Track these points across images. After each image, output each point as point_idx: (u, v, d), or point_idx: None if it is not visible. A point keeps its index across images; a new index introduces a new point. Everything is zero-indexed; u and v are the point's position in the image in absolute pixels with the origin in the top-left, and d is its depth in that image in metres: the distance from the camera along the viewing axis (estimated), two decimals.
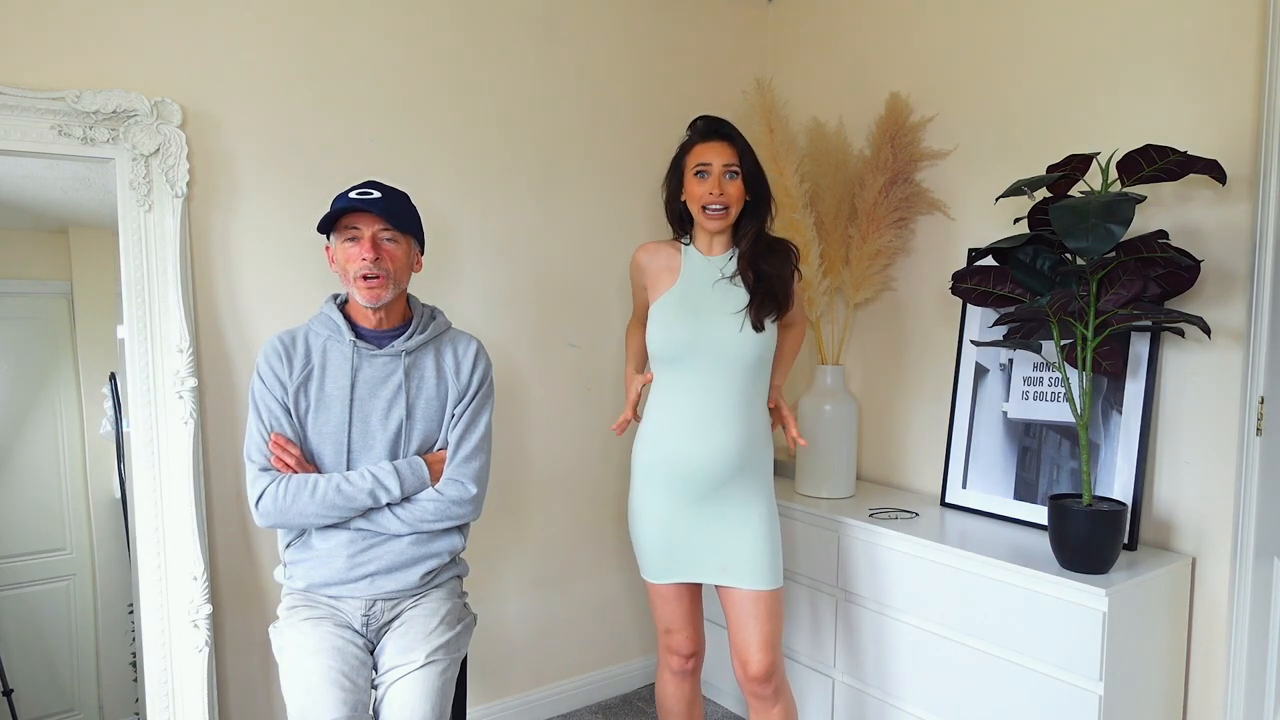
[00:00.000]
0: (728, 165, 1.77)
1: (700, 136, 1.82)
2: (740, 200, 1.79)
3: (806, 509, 2.25)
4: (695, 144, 1.81)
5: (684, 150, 1.84)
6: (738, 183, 1.78)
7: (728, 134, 1.81)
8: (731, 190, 1.77)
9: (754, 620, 1.78)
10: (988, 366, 2.19)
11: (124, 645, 2.20)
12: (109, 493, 2.16)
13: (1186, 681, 1.88)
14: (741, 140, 1.81)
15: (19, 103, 1.68)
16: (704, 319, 1.77)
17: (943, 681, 1.93)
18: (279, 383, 1.62)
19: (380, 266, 1.60)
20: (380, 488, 1.60)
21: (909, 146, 2.34)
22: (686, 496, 1.78)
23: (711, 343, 1.75)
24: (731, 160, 1.77)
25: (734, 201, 1.78)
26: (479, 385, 1.73)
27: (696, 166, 1.78)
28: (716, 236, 1.84)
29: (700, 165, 1.78)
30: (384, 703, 1.53)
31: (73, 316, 2.10)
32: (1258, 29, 1.73)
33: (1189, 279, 1.74)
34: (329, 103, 2.06)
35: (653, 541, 1.83)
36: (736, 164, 1.78)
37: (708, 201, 1.77)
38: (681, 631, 1.89)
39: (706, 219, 1.79)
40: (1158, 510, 1.93)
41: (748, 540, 1.77)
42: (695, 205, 1.80)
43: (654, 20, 2.60)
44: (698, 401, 1.76)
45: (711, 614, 2.42)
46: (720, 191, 1.76)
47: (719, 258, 1.84)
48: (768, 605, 1.78)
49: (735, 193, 1.78)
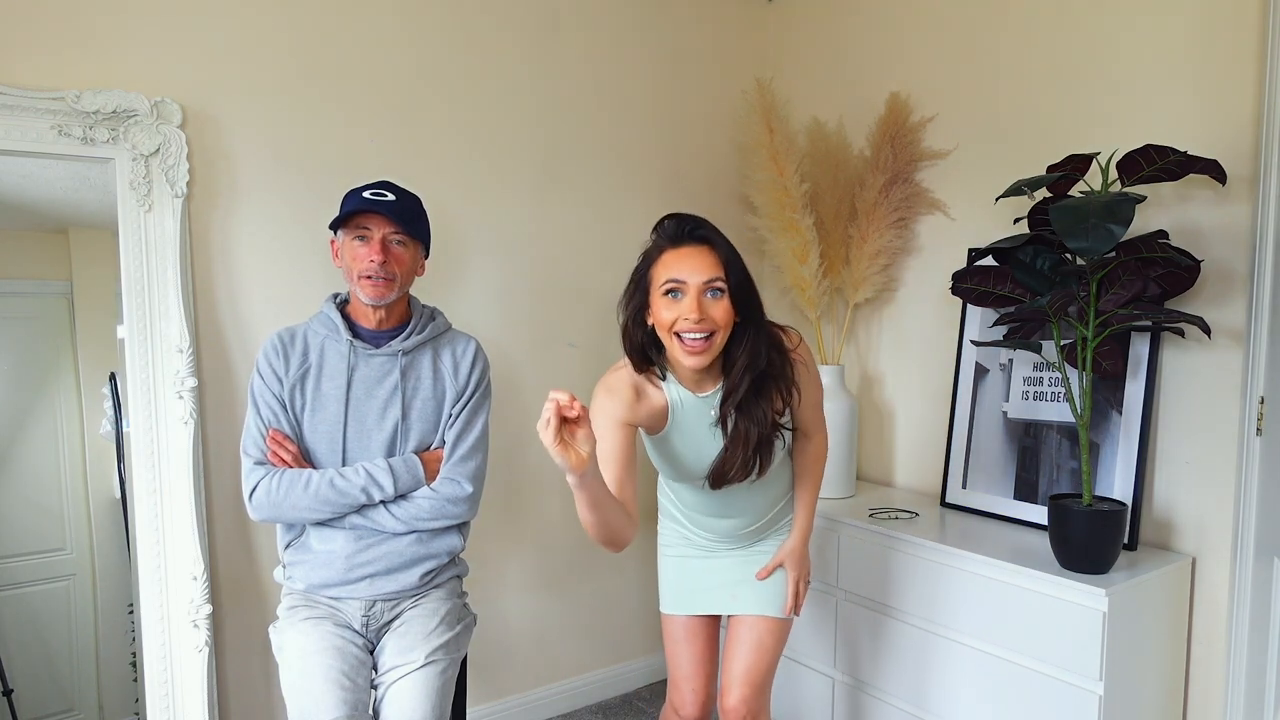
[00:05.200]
0: (709, 282, 1.36)
1: (669, 242, 1.40)
2: (729, 324, 1.39)
3: None
4: (663, 251, 1.40)
5: (648, 260, 1.43)
6: (724, 302, 1.37)
7: (706, 237, 1.40)
8: (716, 313, 1.37)
9: (744, 647, 1.65)
10: (988, 366, 2.19)
11: (124, 645, 2.20)
12: (109, 493, 2.16)
13: (1186, 681, 1.88)
14: (725, 243, 1.41)
15: (19, 103, 1.68)
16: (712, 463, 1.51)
17: (943, 681, 1.93)
18: (276, 378, 1.62)
19: (387, 270, 1.60)
20: (374, 484, 1.60)
21: (909, 146, 2.34)
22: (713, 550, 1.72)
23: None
24: (715, 274, 1.36)
25: (721, 326, 1.38)
26: (476, 385, 1.73)
27: (666, 284, 1.37)
28: (704, 375, 1.46)
29: (671, 282, 1.37)
30: (384, 703, 1.53)
31: (73, 316, 2.10)
32: (1258, 29, 1.73)
33: (1189, 279, 1.74)
34: (329, 103, 2.06)
35: (670, 575, 1.76)
36: (722, 278, 1.37)
37: (685, 329, 1.36)
38: (690, 682, 1.72)
39: (685, 352, 1.37)
40: (1158, 510, 1.93)
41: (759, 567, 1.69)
42: (666, 333, 1.39)
43: (654, 20, 2.60)
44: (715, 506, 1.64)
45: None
46: (700, 316, 1.35)
47: (712, 395, 1.49)
48: (763, 632, 1.66)
49: (722, 315, 1.37)
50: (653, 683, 2.78)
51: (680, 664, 1.75)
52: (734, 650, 1.68)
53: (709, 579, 1.72)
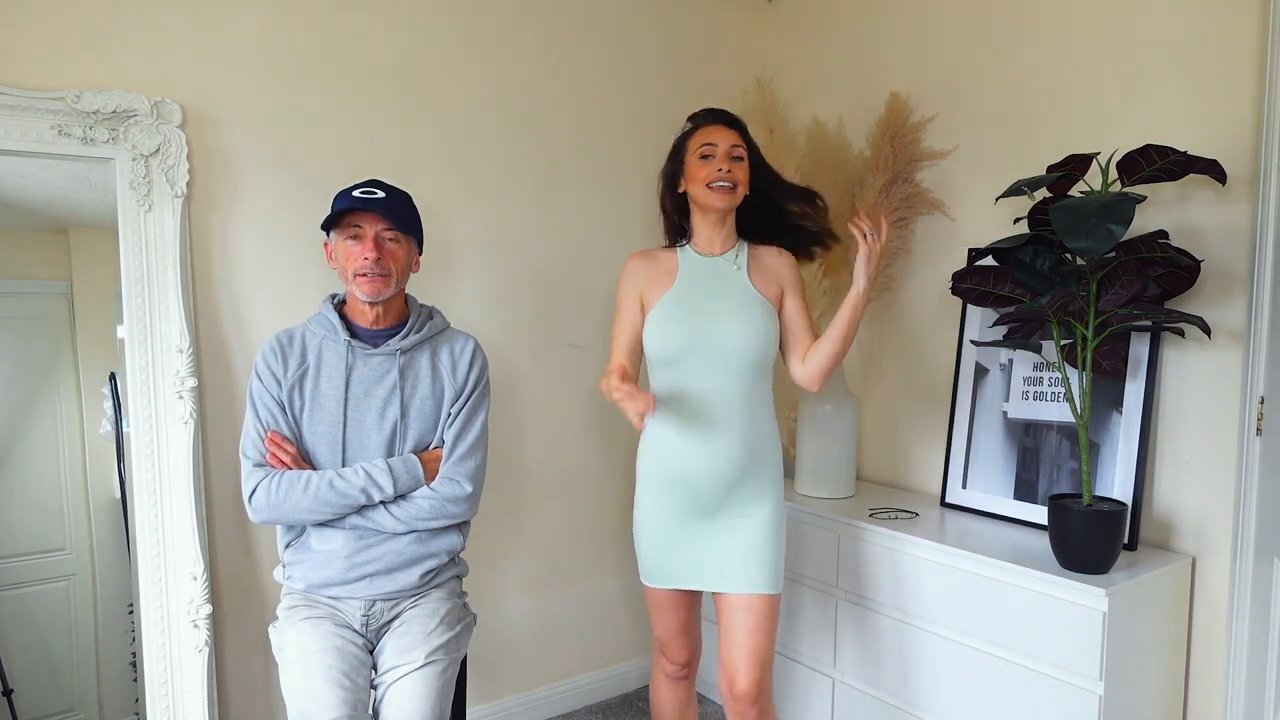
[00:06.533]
0: (734, 146, 1.73)
1: (705, 120, 1.78)
2: (746, 182, 1.75)
3: (806, 509, 2.25)
4: (699, 128, 1.77)
5: (685, 136, 1.79)
6: (744, 166, 1.74)
7: (732, 121, 1.77)
8: (739, 171, 1.72)
9: (744, 630, 1.71)
10: (988, 366, 2.19)
11: (124, 645, 2.20)
12: (109, 493, 2.16)
13: (1186, 681, 1.88)
14: (745, 129, 1.78)
15: (19, 103, 1.68)
16: (704, 319, 1.72)
17: (943, 681, 1.93)
18: (275, 380, 1.62)
19: (382, 266, 1.60)
20: (373, 485, 1.59)
21: (909, 146, 2.34)
22: (692, 509, 1.74)
23: (711, 343, 1.70)
24: (738, 142, 1.74)
25: (740, 182, 1.73)
26: (475, 384, 1.73)
27: (701, 148, 1.73)
28: (717, 233, 1.77)
29: (705, 145, 1.73)
30: (384, 703, 1.53)
31: (73, 316, 2.10)
32: (1258, 29, 1.73)
33: (1189, 279, 1.74)
34: (329, 103, 2.06)
35: (653, 548, 1.79)
36: (743, 148, 1.74)
37: (714, 179, 1.70)
38: (675, 641, 1.85)
39: (713, 195, 1.71)
40: (1158, 510, 1.93)
41: (746, 543, 1.72)
42: (698, 186, 1.73)
43: (654, 20, 2.60)
44: (699, 406, 1.71)
45: (708, 612, 2.42)
46: (728, 169, 1.70)
47: (720, 258, 1.78)
48: (761, 613, 1.71)
49: (741, 174, 1.73)
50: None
51: (668, 626, 1.85)
52: (734, 635, 1.72)
53: (693, 554, 1.75)
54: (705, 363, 1.71)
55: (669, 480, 1.75)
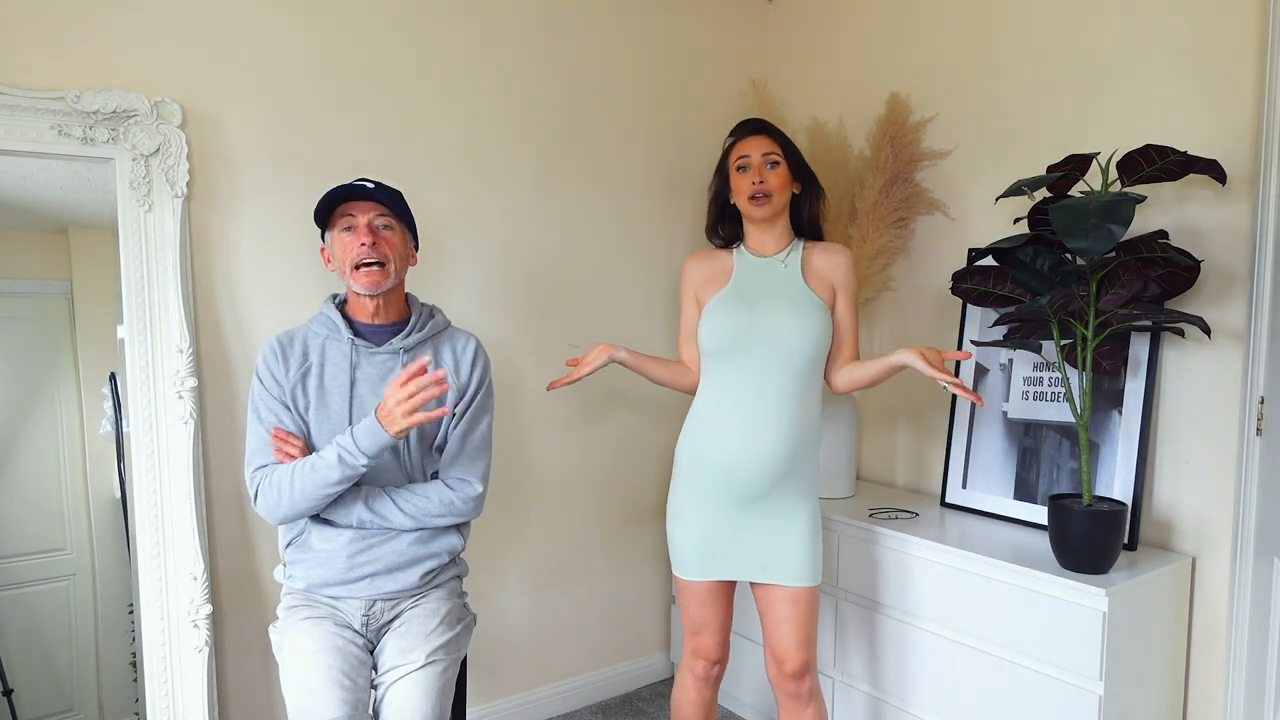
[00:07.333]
0: (767, 154, 1.80)
1: (740, 133, 1.87)
2: (786, 188, 1.82)
3: None
4: (735, 143, 1.86)
5: (725, 152, 1.88)
6: (781, 171, 1.80)
7: (763, 128, 1.85)
8: (773, 179, 1.79)
9: (791, 620, 1.76)
10: (988, 366, 2.19)
11: (124, 645, 2.20)
12: (109, 493, 2.16)
13: (1186, 681, 1.88)
14: (779, 133, 1.85)
15: (19, 103, 1.68)
16: (757, 312, 1.77)
17: (942, 681, 1.93)
18: (276, 382, 1.62)
19: (378, 252, 1.60)
20: (343, 450, 1.52)
21: (909, 147, 2.34)
22: (732, 499, 1.76)
23: (764, 336, 1.75)
24: (771, 149, 1.81)
25: (777, 189, 1.80)
26: (480, 383, 1.73)
27: (738, 161, 1.83)
28: (769, 234, 1.84)
29: (741, 159, 1.82)
30: (384, 703, 1.53)
31: (73, 316, 2.10)
32: (1258, 29, 1.73)
33: (1189, 279, 1.74)
34: (329, 102, 2.06)
35: (690, 539, 1.80)
36: (777, 153, 1.81)
37: (751, 191, 1.79)
38: (712, 634, 1.85)
39: (753, 207, 1.80)
40: (1158, 510, 1.93)
41: (791, 538, 1.75)
42: (742, 199, 1.82)
43: (653, 20, 2.60)
44: (748, 397, 1.75)
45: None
46: (762, 179, 1.79)
47: (773, 258, 1.84)
48: (806, 603, 1.77)
49: (778, 181, 1.80)
50: (653, 683, 2.78)
51: (705, 621, 1.84)
52: (781, 624, 1.77)
53: (736, 544, 1.77)
54: (757, 356, 1.75)
55: (707, 468, 1.77)
